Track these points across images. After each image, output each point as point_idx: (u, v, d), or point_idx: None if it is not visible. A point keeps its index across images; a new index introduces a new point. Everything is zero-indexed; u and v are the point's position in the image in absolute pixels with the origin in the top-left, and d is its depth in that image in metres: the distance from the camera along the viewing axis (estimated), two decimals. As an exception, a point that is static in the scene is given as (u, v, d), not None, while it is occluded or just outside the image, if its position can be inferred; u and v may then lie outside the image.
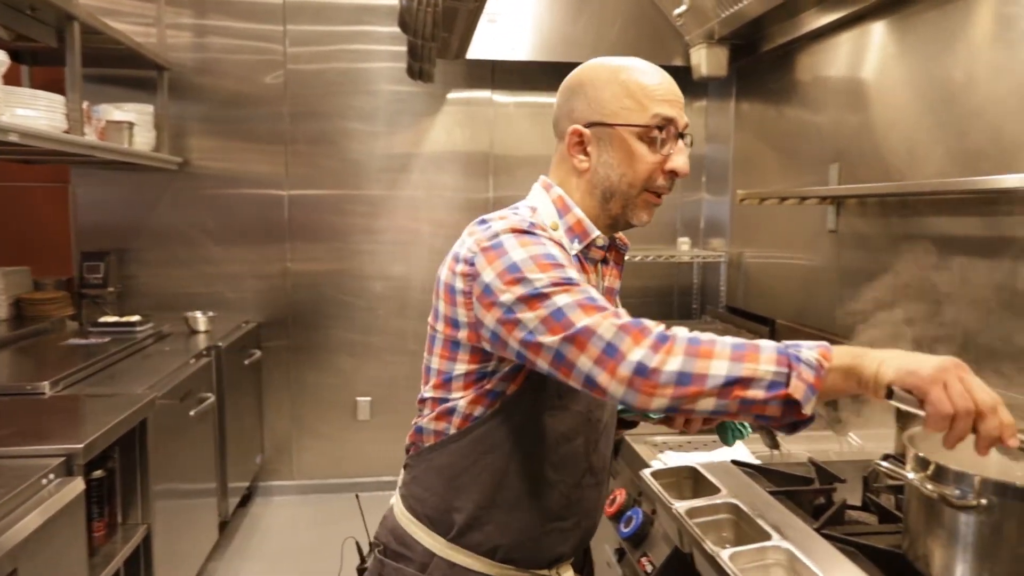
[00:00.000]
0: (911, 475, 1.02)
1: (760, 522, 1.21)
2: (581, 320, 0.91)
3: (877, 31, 2.37)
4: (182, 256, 3.69)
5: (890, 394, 0.86)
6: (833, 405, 1.69)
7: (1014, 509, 0.94)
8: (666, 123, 1.09)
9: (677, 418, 1.24)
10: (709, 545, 1.15)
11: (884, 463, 1.11)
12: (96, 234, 3.58)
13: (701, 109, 3.89)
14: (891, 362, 0.87)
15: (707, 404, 0.88)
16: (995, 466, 1.12)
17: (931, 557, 1.03)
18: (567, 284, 0.95)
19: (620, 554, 1.64)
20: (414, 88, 3.74)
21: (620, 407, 1.29)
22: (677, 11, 3.10)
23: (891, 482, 1.33)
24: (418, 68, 3.35)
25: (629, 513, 1.60)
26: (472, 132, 3.85)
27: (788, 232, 2.98)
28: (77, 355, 2.60)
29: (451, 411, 1.11)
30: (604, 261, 1.20)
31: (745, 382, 0.87)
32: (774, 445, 1.67)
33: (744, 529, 1.25)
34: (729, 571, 1.07)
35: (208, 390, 2.90)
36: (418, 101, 3.80)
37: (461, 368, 1.09)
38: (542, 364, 0.95)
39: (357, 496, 1.59)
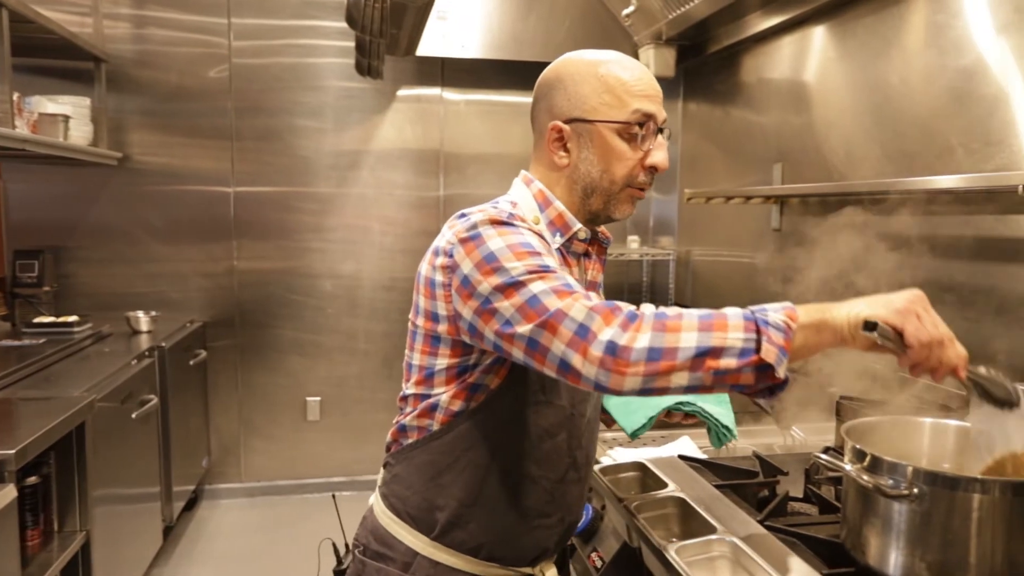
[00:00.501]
0: (848, 467, 1.06)
1: (706, 515, 1.24)
2: (555, 305, 0.91)
3: (818, 35, 2.44)
4: (123, 254, 3.58)
5: (872, 327, 0.88)
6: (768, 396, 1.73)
7: (943, 497, 0.98)
8: (646, 119, 1.10)
9: None
10: (656, 539, 1.17)
11: (824, 456, 1.15)
12: (30, 231, 3.44)
13: (650, 109, 3.94)
14: (860, 304, 0.90)
15: (681, 379, 0.87)
16: (926, 457, 1.17)
17: (867, 545, 1.06)
18: (543, 271, 0.95)
19: (571, 550, 1.65)
20: (363, 84, 3.69)
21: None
22: (625, 11, 3.14)
23: (831, 474, 1.37)
24: (367, 64, 3.31)
25: (579, 523, 1.61)
26: (422, 130, 3.83)
27: (734, 230, 3.05)
28: (10, 357, 2.49)
29: (434, 407, 1.10)
30: (586, 255, 1.20)
31: (716, 352, 0.86)
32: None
33: (690, 523, 1.28)
34: (675, 564, 1.09)
35: (151, 392, 2.82)
36: (367, 98, 3.76)
37: (442, 363, 1.08)
38: (517, 354, 0.95)
39: (334, 496, 1.57)
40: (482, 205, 1.10)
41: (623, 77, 1.10)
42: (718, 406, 1.40)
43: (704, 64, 3.30)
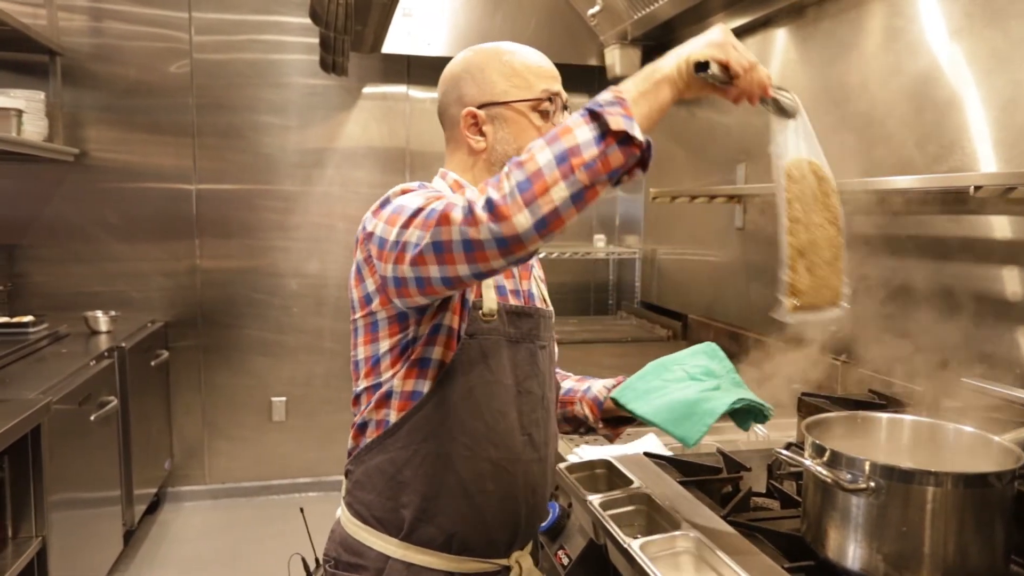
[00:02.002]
0: (808, 462, 1.08)
1: (671, 512, 1.25)
2: (443, 208, 0.94)
3: (780, 37, 2.48)
4: (80, 253, 3.49)
5: (705, 66, 0.95)
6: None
7: (899, 490, 1.01)
8: (553, 96, 1.17)
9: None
10: (621, 536, 1.18)
11: (785, 451, 1.17)
12: (-18, 229, 3.35)
13: (616, 108, 3.96)
14: (684, 50, 0.97)
15: (560, 191, 0.88)
16: (884, 452, 1.20)
17: (827, 539, 1.09)
18: (439, 195, 1.00)
19: (538, 547, 1.66)
20: (328, 81, 3.66)
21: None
22: (591, 11, 3.15)
23: (792, 469, 1.40)
24: (331, 61, 3.28)
25: (546, 507, 1.62)
26: (388, 127, 3.81)
27: (699, 229, 3.09)
28: (-39, 359, 2.43)
29: (388, 395, 1.10)
30: None
31: (574, 151, 0.88)
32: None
33: (655, 519, 1.29)
34: (640, 561, 1.10)
35: (111, 393, 2.76)
36: (332, 95, 3.72)
37: (385, 345, 1.10)
38: (433, 272, 0.95)
39: (302, 510, 1.55)
40: None
41: (528, 62, 1.18)
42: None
43: (669, 64, 3.33)
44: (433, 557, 1.12)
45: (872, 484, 1.01)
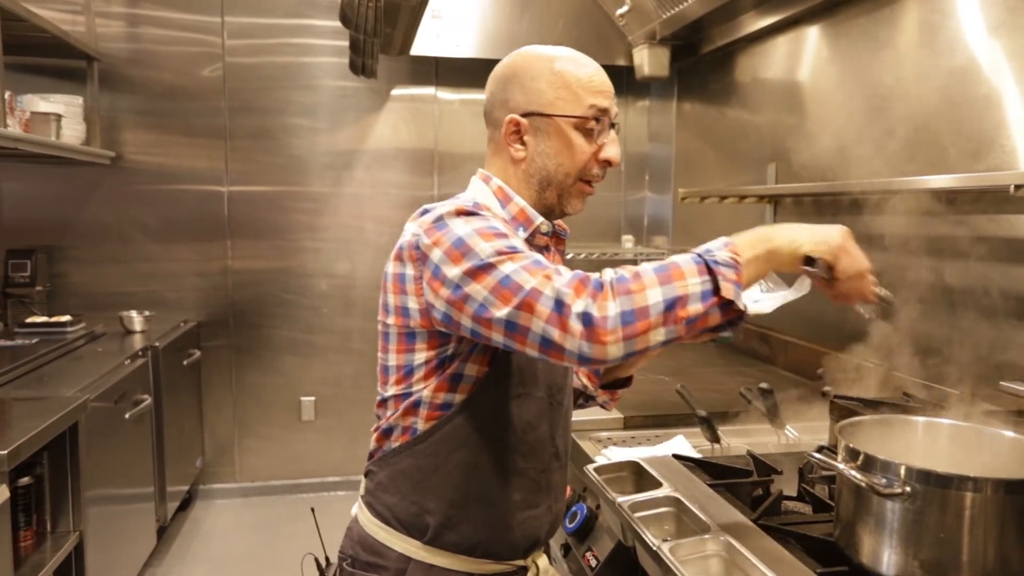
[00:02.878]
0: (842, 465, 1.06)
1: (700, 515, 1.24)
2: (528, 283, 0.92)
3: (812, 35, 2.44)
4: (116, 254, 3.56)
5: (811, 262, 0.99)
6: (770, 400, 1.74)
7: (936, 495, 0.98)
8: (601, 114, 1.12)
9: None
10: (650, 538, 1.17)
11: (818, 455, 1.15)
12: (22, 231, 3.43)
13: (644, 109, 3.94)
14: (800, 236, 0.99)
15: (658, 335, 0.90)
16: (919, 456, 1.17)
17: (860, 544, 1.07)
18: (512, 252, 0.95)
19: (566, 549, 1.65)
20: (357, 84, 3.69)
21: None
22: (619, 11, 3.14)
23: (824, 473, 1.37)
24: (361, 64, 3.30)
25: (574, 508, 1.61)
26: (417, 129, 3.83)
27: (728, 230, 3.04)
28: (2, 357, 2.48)
29: (417, 404, 1.09)
30: (546, 248, 1.21)
31: (682, 301, 0.90)
32: (715, 439, 1.72)
33: (685, 522, 1.28)
34: (670, 563, 1.09)
35: (144, 392, 2.81)
36: (362, 97, 3.75)
37: (421, 357, 1.08)
38: (496, 337, 0.95)
39: (313, 510, 1.56)
40: (444, 202, 1.11)
41: (579, 73, 1.12)
42: None
43: (698, 64, 3.30)
44: (455, 560, 1.12)
45: (908, 489, 0.99)
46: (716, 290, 0.90)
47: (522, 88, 1.12)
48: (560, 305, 0.90)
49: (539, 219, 1.14)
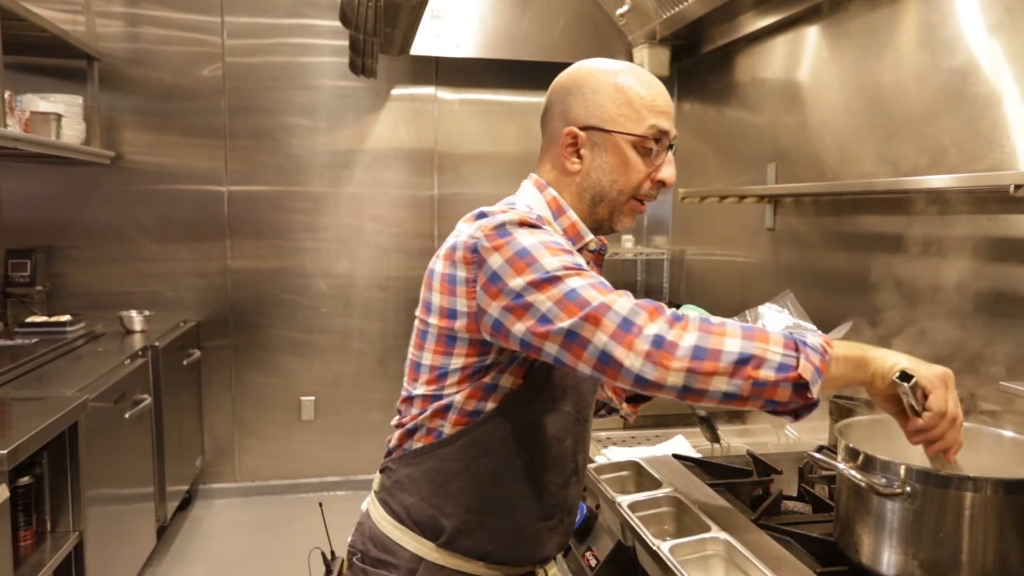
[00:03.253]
0: (841, 465, 1.06)
1: (700, 514, 1.24)
2: (596, 299, 0.91)
3: (811, 35, 2.44)
4: (116, 254, 3.56)
5: (908, 378, 0.93)
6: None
7: (935, 495, 0.99)
8: (661, 135, 1.11)
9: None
10: (650, 538, 1.18)
11: (818, 454, 1.15)
12: (22, 230, 3.42)
13: (644, 108, 3.93)
14: (901, 357, 0.96)
15: (721, 383, 0.89)
16: (918, 455, 1.17)
17: (860, 544, 1.07)
18: (578, 269, 0.95)
19: (565, 549, 1.65)
20: (357, 83, 3.69)
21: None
22: (620, 11, 3.14)
23: (824, 472, 1.38)
24: (360, 63, 3.30)
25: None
26: (416, 129, 3.83)
27: (728, 230, 3.06)
28: (2, 357, 2.48)
29: (447, 407, 1.08)
30: (589, 263, 1.21)
31: (757, 361, 0.88)
32: (715, 439, 1.72)
33: (685, 521, 1.28)
34: (669, 563, 1.10)
35: (144, 391, 2.81)
36: (361, 97, 3.75)
37: (458, 362, 1.07)
38: (550, 349, 0.94)
39: (320, 505, 1.57)
40: (500, 205, 1.10)
41: (641, 91, 1.10)
42: None
43: (698, 64, 3.30)
44: (468, 563, 1.11)
45: (908, 489, 0.99)
46: (796, 366, 0.89)
47: (583, 101, 1.11)
48: (629, 324, 0.89)
49: (589, 236, 1.14)
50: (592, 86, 1.11)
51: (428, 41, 3.37)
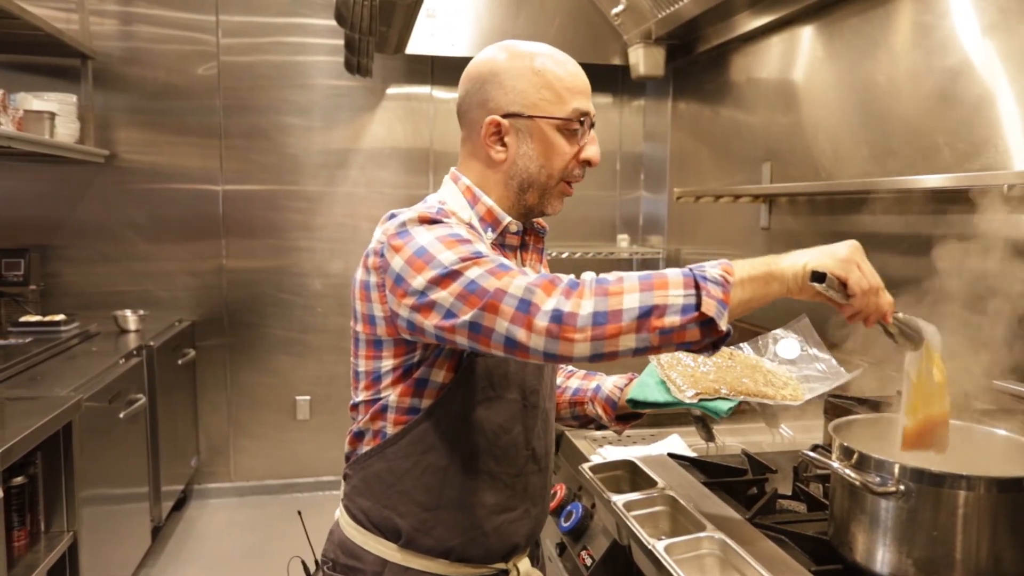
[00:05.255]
0: (836, 464, 1.06)
1: (695, 513, 1.24)
2: (493, 285, 0.91)
3: (806, 35, 2.45)
4: (110, 253, 3.55)
5: (821, 278, 0.92)
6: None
7: (929, 494, 0.99)
8: (583, 115, 1.11)
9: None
10: (645, 537, 1.18)
11: (812, 453, 1.15)
12: (15, 230, 3.41)
13: (639, 108, 3.95)
14: (806, 256, 0.94)
15: (628, 341, 0.88)
16: (913, 454, 1.18)
17: (854, 542, 1.07)
18: (476, 257, 0.95)
19: (561, 548, 1.66)
20: (352, 83, 3.68)
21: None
22: (615, 11, 3.14)
23: (819, 471, 1.38)
24: (356, 62, 3.30)
25: (569, 507, 1.62)
26: (412, 128, 3.82)
27: (723, 229, 3.06)
28: (-5, 357, 2.48)
29: (384, 408, 1.09)
30: (523, 246, 1.21)
31: (659, 311, 0.87)
32: (710, 438, 1.72)
33: (680, 520, 1.28)
34: (664, 562, 1.10)
35: (139, 391, 2.80)
36: (356, 96, 3.75)
37: (388, 364, 1.08)
38: (461, 341, 0.94)
39: (300, 513, 1.55)
40: (414, 205, 1.10)
41: (560, 73, 1.10)
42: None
43: (693, 63, 3.31)
44: (432, 563, 1.11)
45: (902, 487, 1.00)
46: (698, 305, 0.87)
47: (502, 88, 1.10)
48: (526, 304, 0.89)
49: (507, 219, 1.13)
50: (510, 72, 1.10)
51: (423, 40, 3.37)
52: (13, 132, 2.64)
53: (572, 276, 0.93)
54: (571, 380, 1.38)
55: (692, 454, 1.63)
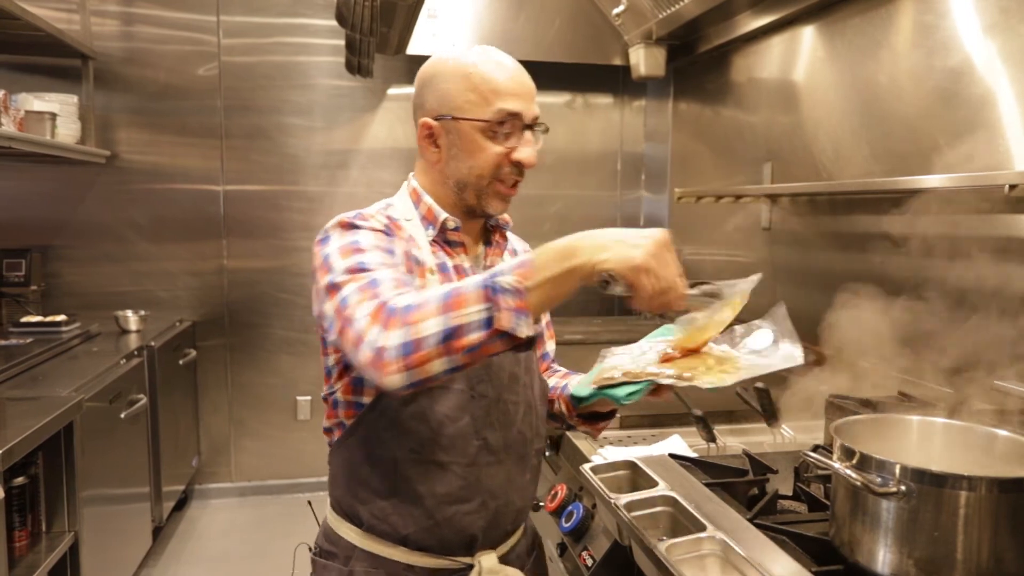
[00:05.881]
0: (837, 464, 1.06)
1: (696, 514, 1.24)
2: (351, 308, 0.95)
3: (807, 35, 2.45)
4: (111, 253, 3.55)
5: (605, 284, 0.93)
6: (766, 400, 1.74)
7: (931, 494, 0.99)
8: (509, 117, 1.12)
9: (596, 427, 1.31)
10: (646, 537, 1.18)
11: (813, 454, 1.15)
12: (16, 230, 3.42)
13: (640, 108, 3.95)
14: (605, 251, 0.91)
15: (439, 365, 0.89)
16: (914, 455, 1.18)
17: (856, 543, 1.07)
18: (358, 270, 0.99)
19: (562, 548, 1.66)
20: (353, 83, 3.68)
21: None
22: (616, 11, 3.14)
23: (820, 472, 1.38)
24: (356, 63, 3.30)
25: (570, 508, 1.61)
26: (413, 128, 3.79)
27: (724, 229, 3.06)
28: (-3, 357, 2.48)
29: (336, 403, 1.16)
30: (487, 243, 1.25)
31: (460, 331, 0.88)
32: (711, 439, 1.72)
33: (681, 521, 1.28)
34: (665, 562, 1.10)
35: (140, 391, 2.81)
36: (357, 96, 3.75)
37: (332, 360, 1.15)
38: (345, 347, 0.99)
39: (310, 503, 1.58)
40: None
41: (489, 76, 1.12)
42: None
43: (694, 63, 3.31)
44: (394, 549, 1.15)
45: (903, 488, 0.99)
46: (493, 319, 0.87)
47: (435, 91, 1.15)
48: (358, 335, 0.92)
49: (443, 216, 1.17)
50: (443, 76, 1.14)
51: (424, 41, 3.37)
52: (15, 133, 2.64)
53: (396, 298, 0.93)
54: (552, 378, 1.39)
55: (693, 454, 1.62)
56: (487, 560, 1.19)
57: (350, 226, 1.08)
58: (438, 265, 1.16)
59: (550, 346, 1.40)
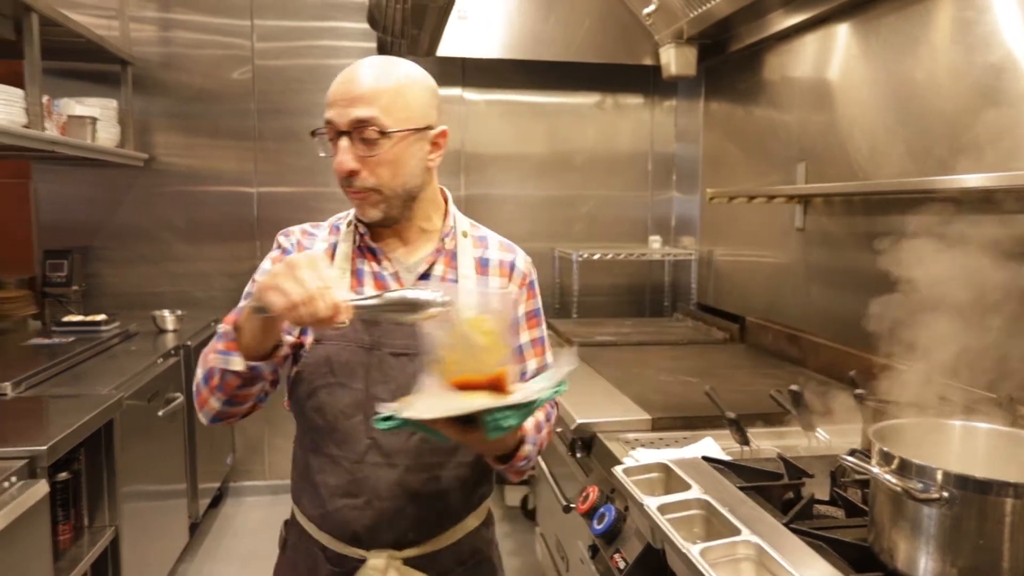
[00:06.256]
0: (876, 469, 1.05)
1: (730, 517, 1.23)
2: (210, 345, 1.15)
3: (841, 33, 2.41)
4: (148, 254, 3.63)
5: (260, 310, 1.00)
6: (800, 402, 1.72)
7: (974, 501, 0.97)
8: (328, 126, 1.17)
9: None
10: (680, 540, 1.17)
11: (850, 458, 1.14)
12: (59, 231, 3.50)
13: (671, 108, 3.92)
14: (256, 293, 0.99)
15: (214, 403, 1.13)
16: (956, 460, 1.16)
17: (896, 549, 1.05)
18: (248, 291, 1.22)
19: (593, 551, 1.65)
20: (385, 85, 3.71)
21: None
22: (646, 10, 3.12)
23: (857, 476, 1.36)
24: (389, 65, 3.32)
25: (602, 510, 1.61)
26: (443, 129, 3.83)
27: (757, 230, 3.03)
28: (40, 355, 2.54)
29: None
30: (438, 251, 1.29)
31: (210, 374, 1.11)
32: (744, 441, 1.70)
33: (714, 524, 1.27)
34: (699, 566, 1.09)
35: (177, 390, 2.86)
36: (389, 98, 3.77)
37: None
38: None
39: None
40: None
41: (332, 86, 1.19)
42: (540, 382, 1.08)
43: (726, 63, 3.27)
44: (309, 525, 1.24)
45: (945, 494, 0.98)
46: (222, 362, 1.07)
47: None
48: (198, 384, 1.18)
49: (344, 221, 1.34)
50: None
51: (454, 42, 3.38)
52: (57, 136, 2.71)
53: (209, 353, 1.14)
54: None
55: (726, 457, 1.61)
56: (375, 560, 1.18)
57: (276, 245, 1.31)
58: (354, 271, 1.25)
59: (530, 364, 1.30)
